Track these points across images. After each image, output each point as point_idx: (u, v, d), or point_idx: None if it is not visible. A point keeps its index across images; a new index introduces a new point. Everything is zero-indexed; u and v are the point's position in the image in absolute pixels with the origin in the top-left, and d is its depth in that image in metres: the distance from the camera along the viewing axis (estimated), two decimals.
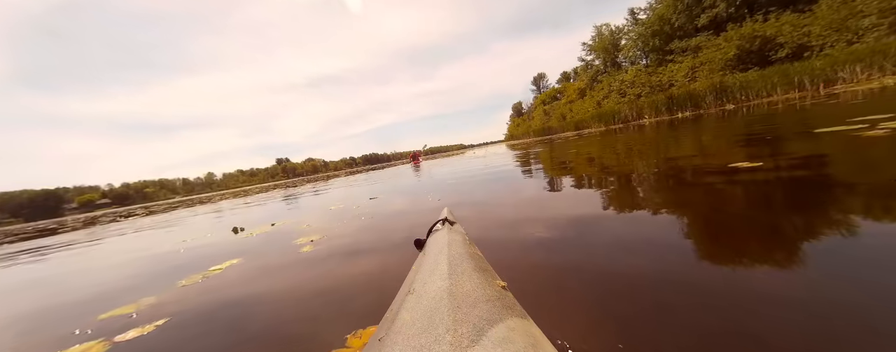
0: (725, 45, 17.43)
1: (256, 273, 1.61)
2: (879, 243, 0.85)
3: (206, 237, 3.15)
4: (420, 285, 0.55)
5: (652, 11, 28.15)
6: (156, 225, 5.67)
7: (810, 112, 4.86)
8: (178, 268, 2.01)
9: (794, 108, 6.23)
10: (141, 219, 8.60)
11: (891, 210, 1.04)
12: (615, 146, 5.30)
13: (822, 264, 0.80)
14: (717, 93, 12.84)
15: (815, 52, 13.07)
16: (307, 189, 9.28)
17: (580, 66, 41.77)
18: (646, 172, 2.51)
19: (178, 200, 48.73)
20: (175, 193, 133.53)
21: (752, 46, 15.87)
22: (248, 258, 1.95)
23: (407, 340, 0.38)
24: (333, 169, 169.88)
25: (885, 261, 0.77)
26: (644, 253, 1.05)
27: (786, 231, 1.05)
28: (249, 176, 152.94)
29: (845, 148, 2.03)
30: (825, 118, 3.76)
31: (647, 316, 0.71)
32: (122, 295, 1.60)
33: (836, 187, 1.37)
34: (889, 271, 0.73)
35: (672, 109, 15.31)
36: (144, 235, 4.43)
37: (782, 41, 14.64)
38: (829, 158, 1.84)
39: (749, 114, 6.86)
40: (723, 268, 0.87)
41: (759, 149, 2.57)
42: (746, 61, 16.38)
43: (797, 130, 3.31)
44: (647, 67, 27.01)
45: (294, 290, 1.27)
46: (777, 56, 14.69)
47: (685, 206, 1.48)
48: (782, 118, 4.76)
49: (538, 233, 1.42)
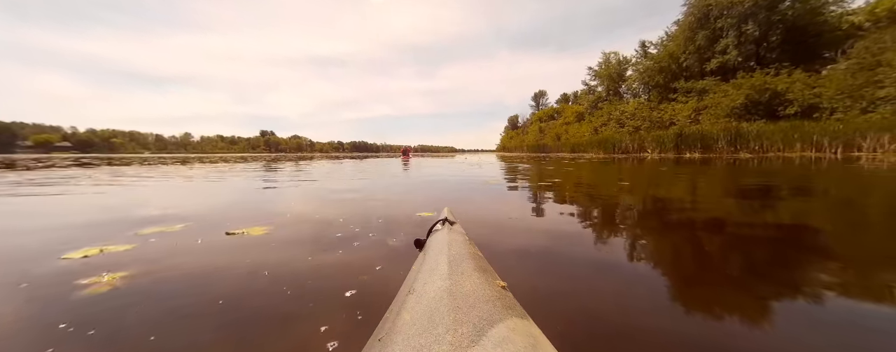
0: (734, 93, 17.32)
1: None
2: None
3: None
4: (420, 284, 0.54)
5: (662, 47, 28.39)
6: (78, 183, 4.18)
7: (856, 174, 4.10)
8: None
9: (827, 167, 5.56)
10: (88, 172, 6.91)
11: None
12: (628, 176, 4.57)
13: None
14: (731, 138, 12.46)
15: (824, 114, 12.95)
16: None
17: (583, 89, 41.95)
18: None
19: (148, 156, 44.97)
20: (145, 149, 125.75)
21: (762, 98, 15.75)
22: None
23: (407, 340, 0.38)
24: (319, 150, 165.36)
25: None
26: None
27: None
28: (229, 143, 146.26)
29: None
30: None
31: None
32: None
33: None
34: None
35: (679, 147, 14.89)
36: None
37: (792, 98, 14.52)
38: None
39: (766, 165, 6.14)
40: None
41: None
42: (753, 112, 16.28)
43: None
44: (649, 102, 27.02)
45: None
46: (786, 112, 14.55)
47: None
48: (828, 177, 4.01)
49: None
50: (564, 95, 60.57)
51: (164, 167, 8.98)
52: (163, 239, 1.56)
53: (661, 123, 23.07)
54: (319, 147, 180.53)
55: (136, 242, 1.49)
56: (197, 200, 3.04)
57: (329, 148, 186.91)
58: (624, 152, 19.04)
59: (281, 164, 11.63)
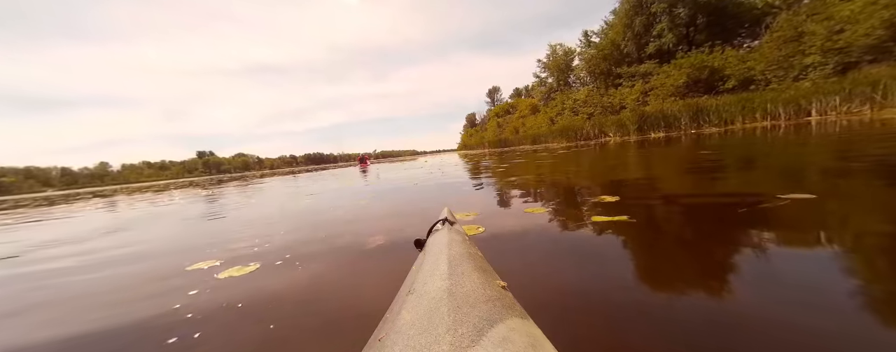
0: (676, 73, 18.14)
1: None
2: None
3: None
4: (420, 284, 0.54)
5: (604, 36, 29.68)
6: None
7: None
8: None
9: (789, 134, 5.23)
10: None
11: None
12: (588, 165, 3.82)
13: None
14: (693, 115, 12.61)
15: (760, 86, 13.76)
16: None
17: (535, 82, 42.88)
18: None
19: (50, 194, 36.90)
20: (48, 186, 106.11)
21: (702, 75, 16.56)
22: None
23: (407, 340, 0.38)
24: (269, 167, 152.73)
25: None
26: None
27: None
28: (159, 169, 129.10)
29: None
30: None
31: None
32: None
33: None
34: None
35: (643, 128, 14.98)
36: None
37: (729, 73, 15.37)
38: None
39: (732, 138, 5.84)
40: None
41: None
42: (694, 90, 17.12)
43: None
44: (596, 89, 28.07)
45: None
46: (725, 87, 15.37)
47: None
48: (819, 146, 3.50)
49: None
50: (517, 89, 62.05)
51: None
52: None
53: (612, 107, 23.90)
54: (269, 163, 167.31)
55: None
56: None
57: (281, 163, 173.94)
58: (585, 139, 19.13)
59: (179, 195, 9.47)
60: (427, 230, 0.95)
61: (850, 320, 0.66)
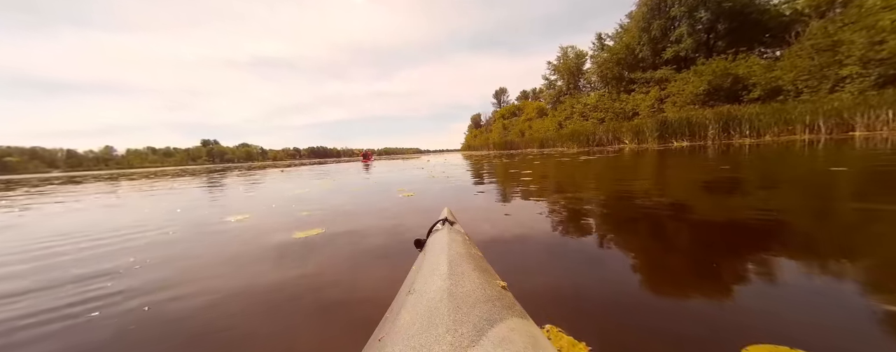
0: (695, 80, 17.30)
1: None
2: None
3: None
4: (420, 284, 0.54)
5: (619, 39, 28.76)
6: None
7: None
8: None
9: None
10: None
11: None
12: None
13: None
14: (723, 124, 11.77)
15: (789, 96, 12.92)
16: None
17: (543, 84, 42.00)
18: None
19: (56, 175, 36.41)
20: (53, 168, 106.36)
21: (724, 83, 15.72)
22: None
23: (407, 340, 0.38)
24: (272, 158, 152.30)
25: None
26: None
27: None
28: (163, 156, 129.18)
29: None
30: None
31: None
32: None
33: None
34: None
35: (666, 136, 14.14)
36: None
37: (755, 82, 14.53)
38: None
39: (809, 151, 5.02)
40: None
41: None
42: (715, 98, 16.28)
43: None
44: (608, 93, 27.23)
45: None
46: (749, 96, 14.52)
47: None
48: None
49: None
50: (524, 91, 61.03)
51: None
52: None
53: (624, 113, 23.08)
54: (273, 155, 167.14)
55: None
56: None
57: (284, 155, 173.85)
58: (598, 145, 18.32)
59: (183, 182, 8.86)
60: (427, 230, 0.96)
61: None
